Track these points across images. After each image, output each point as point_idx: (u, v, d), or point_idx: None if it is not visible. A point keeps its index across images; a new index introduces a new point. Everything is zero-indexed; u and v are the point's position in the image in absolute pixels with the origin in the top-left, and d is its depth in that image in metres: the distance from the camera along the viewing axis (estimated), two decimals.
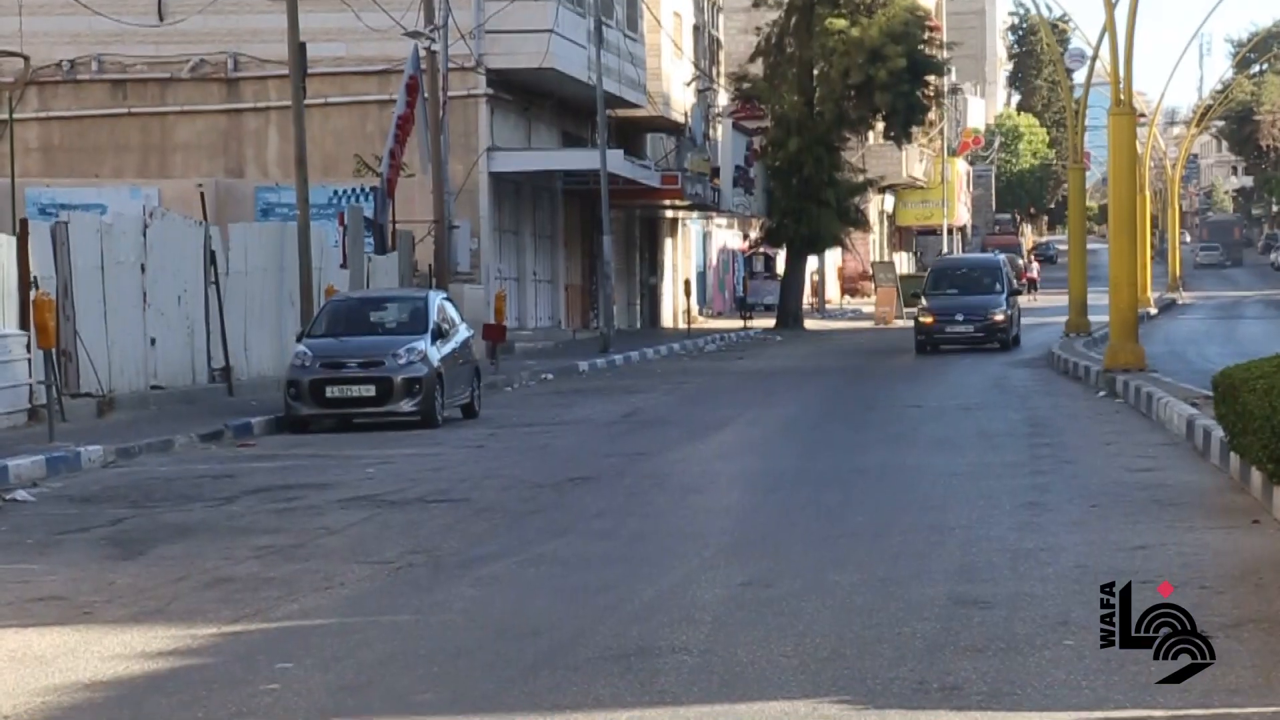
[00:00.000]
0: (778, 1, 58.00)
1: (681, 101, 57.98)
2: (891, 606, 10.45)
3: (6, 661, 9.81)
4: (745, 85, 59.22)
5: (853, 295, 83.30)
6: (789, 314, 58.71)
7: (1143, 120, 63.67)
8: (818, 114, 57.26)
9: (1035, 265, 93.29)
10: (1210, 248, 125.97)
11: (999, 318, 40.74)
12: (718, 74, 65.18)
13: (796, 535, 13.77)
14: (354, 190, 39.44)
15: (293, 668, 9.41)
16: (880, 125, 61.21)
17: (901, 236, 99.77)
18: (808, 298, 66.09)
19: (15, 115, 35.61)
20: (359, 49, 42.65)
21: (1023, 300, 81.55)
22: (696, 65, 60.75)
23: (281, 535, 14.30)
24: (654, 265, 62.02)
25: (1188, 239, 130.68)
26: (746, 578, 11.68)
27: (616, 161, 45.76)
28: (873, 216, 79.87)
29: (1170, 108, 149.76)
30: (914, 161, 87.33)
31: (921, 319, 40.96)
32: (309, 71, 31.48)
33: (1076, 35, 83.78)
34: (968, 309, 40.59)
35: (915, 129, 62.96)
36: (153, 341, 27.83)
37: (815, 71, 57.46)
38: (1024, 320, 60.84)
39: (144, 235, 27.77)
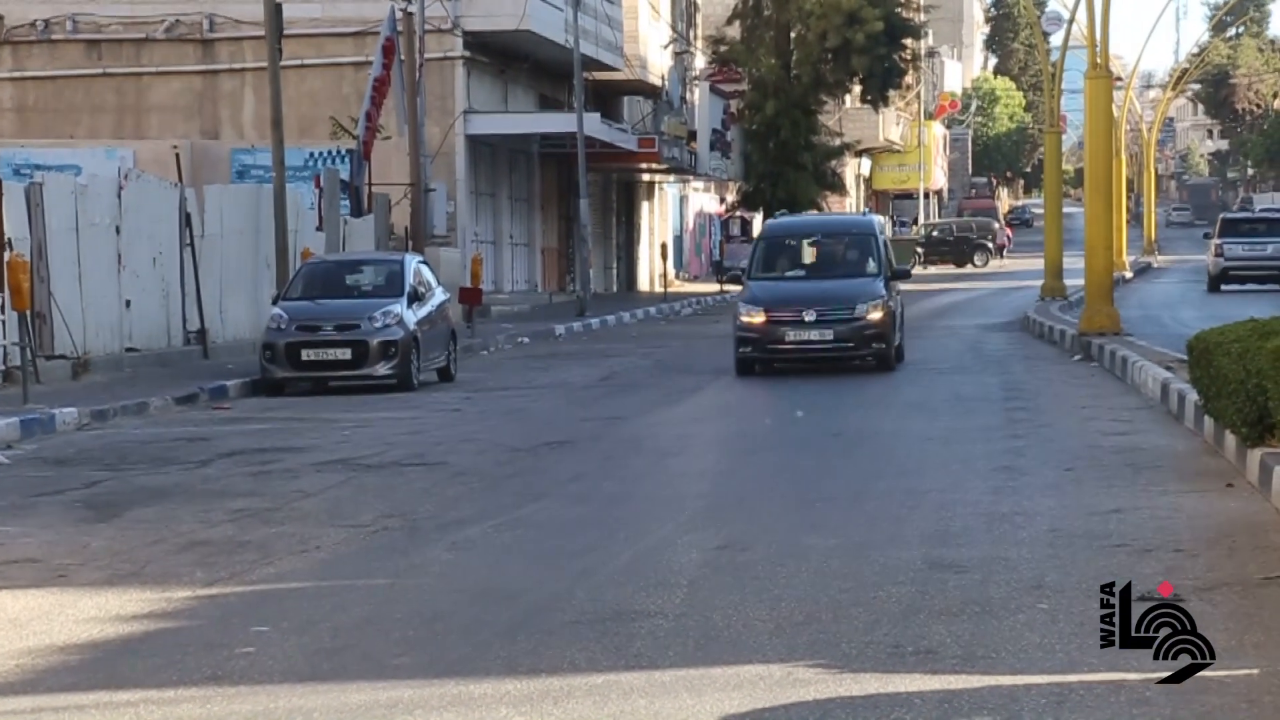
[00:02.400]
0: None
1: (659, 65, 57.88)
2: (867, 571, 10.47)
3: None
4: (722, 48, 59.14)
5: None
6: None
7: (1119, 84, 63.69)
8: (795, 77, 57.21)
9: (1008, 231, 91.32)
10: (1182, 209, 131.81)
11: (874, 316, 24.31)
12: (695, 37, 65.06)
13: (772, 499, 13.79)
14: (330, 153, 39.34)
15: (268, 631, 9.41)
16: (857, 89, 61.24)
17: (878, 200, 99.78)
18: None
19: None
20: (335, 10, 42.50)
21: (992, 264, 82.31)
22: (674, 28, 60.63)
23: (257, 498, 14.29)
24: (631, 229, 61.97)
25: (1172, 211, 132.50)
26: (722, 542, 11.70)
27: (593, 125, 45.68)
28: (849, 180, 79.86)
29: (1146, 71, 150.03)
30: (891, 125, 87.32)
31: (746, 318, 24.37)
32: (285, 33, 31.33)
33: None
34: (823, 301, 24.45)
35: (892, 92, 62.97)
36: (128, 304, 27.76)
37: (792, 35, 57.40)
38: (998, 284, 61.08)
39: (119, 197, 27.68)
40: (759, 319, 24.28)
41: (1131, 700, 7.52)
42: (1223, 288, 48.07)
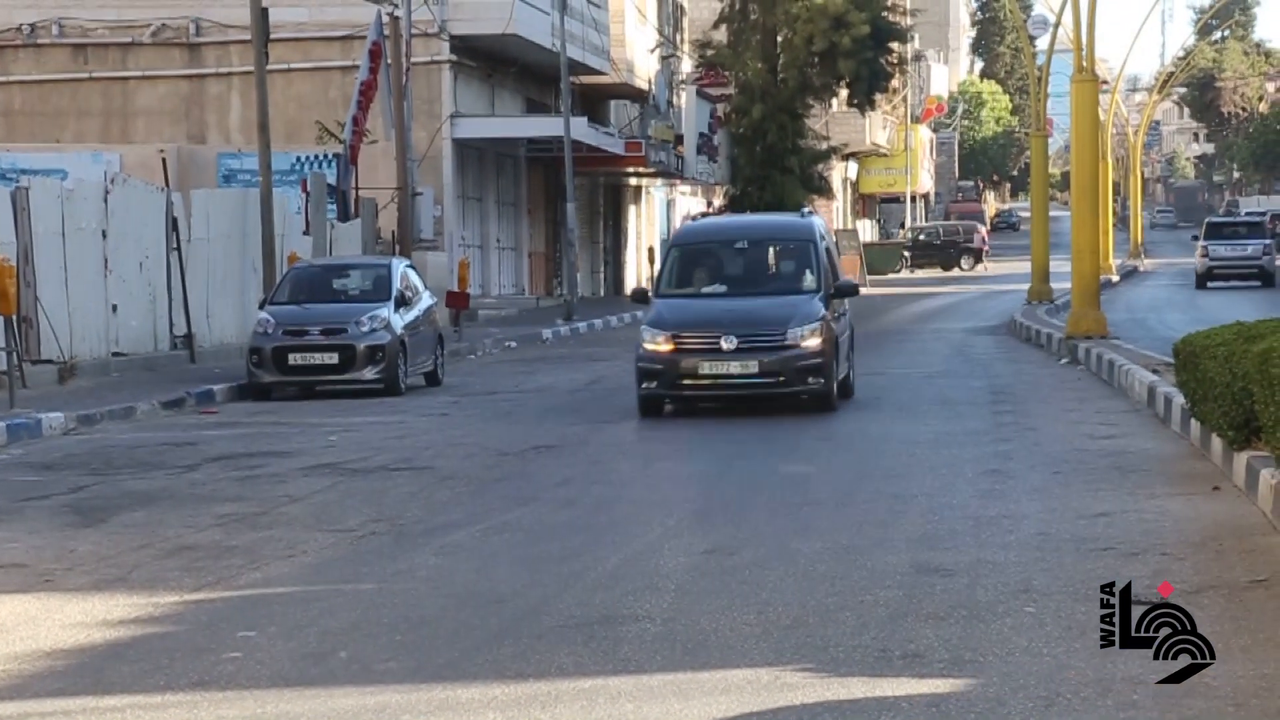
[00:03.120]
0: None
1: (645, 68, 57.89)
2: (854, 574, 10.48)
3: None
4: (709, 52, 59.14)
5: None
6: None
7: (1105, 87, 63.77)
8: (781, 81, 57.23)
9: (984, 235, 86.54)
10: (1166, 211, 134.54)
11: (810, 343, 19.66)
12: (681, 41, 65.08)
13: (759, 503, 13.79)
14: (317, 157, 39.30)
15: (255, 636, 9.39)
16: (844, 92, 61.21)
17: (865, 204, 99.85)
18: None
19: None
20: (322, 14, 42.47)
21: (979, 267, 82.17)
22: (660, 32, 60.64)
23: (244, 503, 14.27)
24: (618, 233, 61.98)
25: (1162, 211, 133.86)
26: (709, 546, 11.69)
27: (580, 128, 45.68)
28: (836, 184, 79.90)
29: (1132, 75, 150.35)
30: (877, 129, 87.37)
31: (649, 345, 19.78)
32: (271, 37, 31.31)
33: (1039, 2, 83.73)
34: (746, 325, 19.78)
35: (878, 96, 62.95)
36: (114, 308, 27.72)
37: (779, 38, 57.40)
38: (985, 287, 61.12)
39: (105, 201, 27.64)
40: (665, 347, 19.37)
41: (1119, 704, 7.53)
42: (1209, 284, 53.05)
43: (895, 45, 58.63)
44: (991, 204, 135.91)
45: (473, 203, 46.78)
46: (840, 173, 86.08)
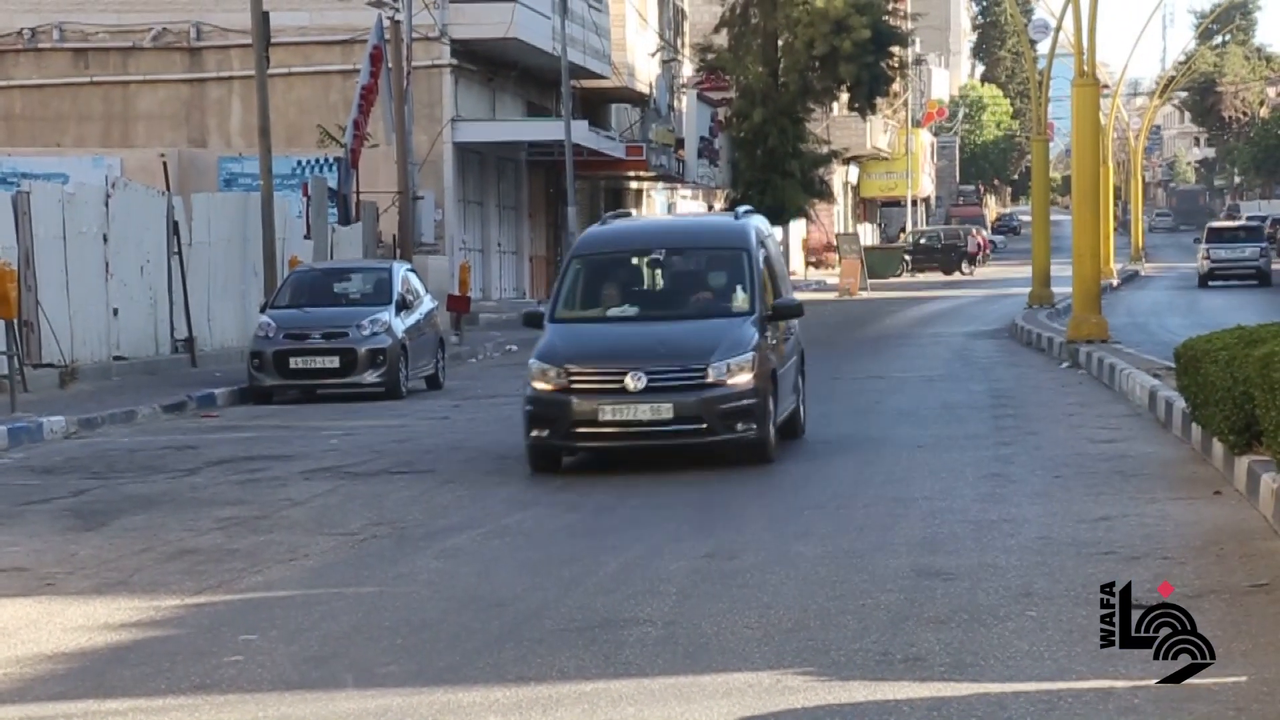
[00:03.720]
0: None
1: (646, 72, 57.90)
2: (855, 578, 10.48)
3: None
4: (710, 56, 59.14)
5: (817, 267, 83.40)
6: None
7: (1106, 91, 63.81)
8: (782, 85, 57.23)
9: (979, 239, 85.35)
10: (1164, 214, 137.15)
11: (738, 380, 15.75)
12: (682, 45, 65.10)
13: (761, 507, 13.79)
14: (318, 161, 39.31)
15: (257, 639, 9.40)
16: (845, 96, 61.19)
17: (866, 208, 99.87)
18: None
19: None
20: (322, 18, 42.47)
21: (979, 271, 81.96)
22: (661, 36, 60.66)
23: (245, 507, 14.27)
24: None
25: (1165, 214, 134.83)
26: (711, 550, 11.69)
27: (581, 132, 45.68)
28: (837, 188, 79.90)
29: (1133, 79, 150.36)
30: (878, 133, 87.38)
31: (539, 383, 15.82)
32: (272, 41, 31.32)
33: (1040, 6, 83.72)
34: (657, 357, 15.78)
35: (879, 100, 62.95)
36: (115, 312, 27.72)
37: (780, 42, 57.40)
38: (985, 291, 61.15)
39: (106, 205, 27.65)
40: (555, 385, 15.50)
41: (1120, 708, 7.52)
42: (1210, 284, 56.82)
43: (896, 49, 58.62)
44: (992, 208, 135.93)
45: (474, 206, 46.78)
46: (841, 177, 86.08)
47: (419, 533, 12.85)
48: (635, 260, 17.05)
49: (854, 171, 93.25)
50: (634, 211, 30.38)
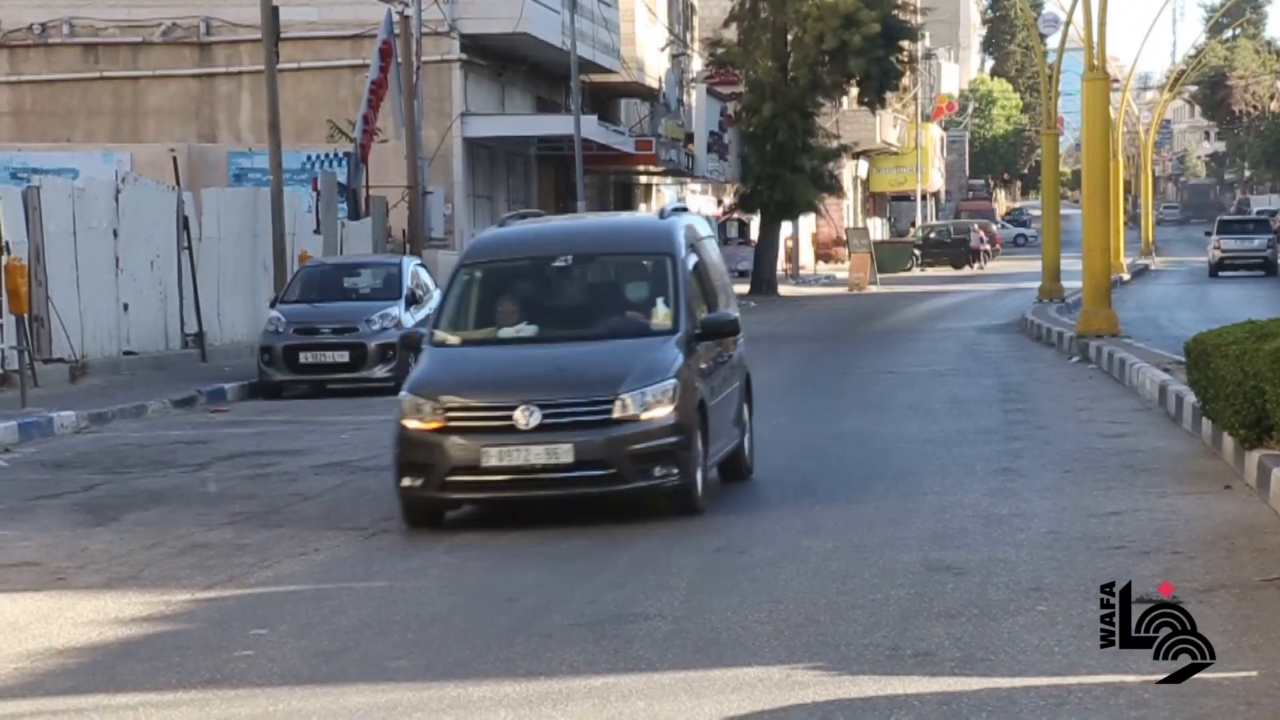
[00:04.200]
0: None
1: (656, 67, 57.87)
2: (865, 573, 10.47)
3: None
4: (719, 50, 59.11)
5: (827, 261, 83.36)
6: (763, 280, 58.70)
7: (1116, 85, 63.73)
8: (792, 79, 57.19)
9: (981, 235, 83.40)
10: (1171, 207, 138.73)
11: (655, 414, 12.78)
12: (692, 39, 65.06)
13: (771, 501, 13.78)
14: (327, 156, 39.30)
15: (267, 634, 9.41)
16: (854, 90, 61.15)
17: (875, 202, 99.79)
18: (781, 264, 66.10)
19: None
20: (332, 13, 42.46)
21: (990, 265, 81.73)
22: (671, 30, 60.63)
23: (255, 501, 14.28)
24: None
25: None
26: (720, 544, 11.69)
27: (590, 127, 45.66)
28: (847, 182, 79.83)
29: (1144, 73, 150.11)
30: (888, 127, 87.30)
31: (410, 421, 12.85)
32: (282, 36, 31.30)
33: (1050, 0, 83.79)
34: (554, 388, 12.86)
35: (889, 94, 62.92)
36: (125, 307, 27.74)
37: (789, 37, 57.36)
38: (995, 286, 61.15)
39: (116, 200, 27.67)
40: (431, 423, 12.71)
41: (1130, 702, 7.52)
42: (1220, 274, 59.96)
43: (906, 43, 58.56)
44: (1002, 202, 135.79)
45: (483, 201, 46.79)
46: (851, 171, 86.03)
47: (429, 527, 12.84)
48: (536, 269, 14.00)
49: (864, 166, 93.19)
50: (543, 211, 25.87)
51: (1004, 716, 7.41)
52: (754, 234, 64.86)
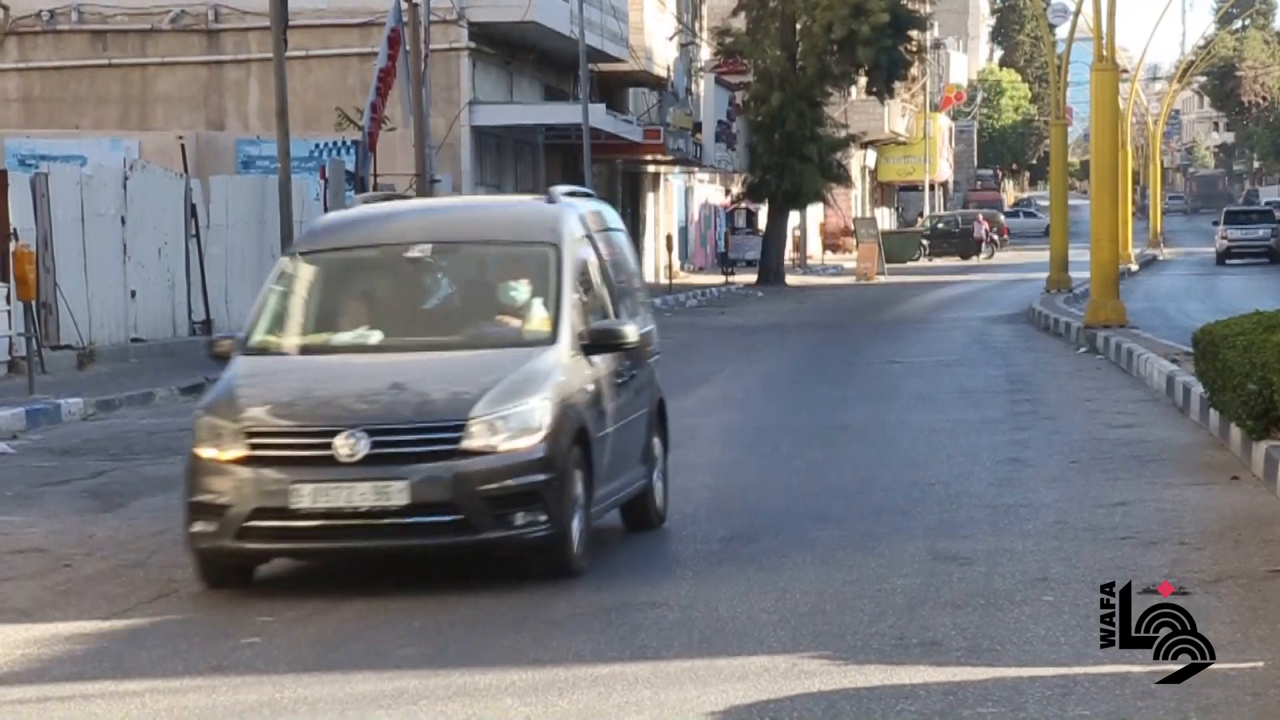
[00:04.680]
0: None
1: (664, 56, 57.83)
2: (872, 562, 10.47)
3: None
4: (728, 40, 59.08)
5: (834, 251, 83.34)
6: (770, 270, 58.70)
7: (1125, 76, 63.62)
8: (800, 69, 57.16)
9: (985, 225, 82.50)
10: (1176, 198, 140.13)
11: (516, 444, 10.04)
12: (700, 28, 65.02)
13: (778, 491, 13.78)
14: (335, 144, 39.30)
15: (273, 621, 9.41)
16: (863, 80, 61.12)
17: (883, 192, 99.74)
18: (789, 253, 66.09)
19: None
20: (340, 1, 42.44)
21: (998, 256, 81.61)
22: (679, 19, 60.59)
23: None
24: (636, 220, 61.95)
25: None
26: (727, 533, 11.69)
27: (599, 116, 45.65)
28: (855, 172, 79.77)
29: (1153, 63, 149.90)
30: (896, 117, 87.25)
31: (204, 450, 10.18)
32: (290, 23, 31.29)
33: None
34: (389, 413, 10.13)
35: (897, 84, 62.87)
36: (133, 294, 27.76)
37: (798, 26, 57.32)
38: (1003, 276, 61.17)
39: (124, 187, 27.68)
40: (230, 453, 10.13)
41: (1136, 693, 7.52)
42: (1227, 261, 63.04)
43: (914, 33, 58.52)
44: (1010, 193, 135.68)
45: (491, 190, 46.75)
46: (859, 161, 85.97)
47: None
48: (385, 261, 11.39)
49: (872, 156, 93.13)
50: (413, 192, 21.38)
51: (1010, 706, 7.41)
52: (762, 223, 64.86)
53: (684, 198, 69.85)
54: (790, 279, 60.51)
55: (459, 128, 43.03)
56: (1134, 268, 59.92)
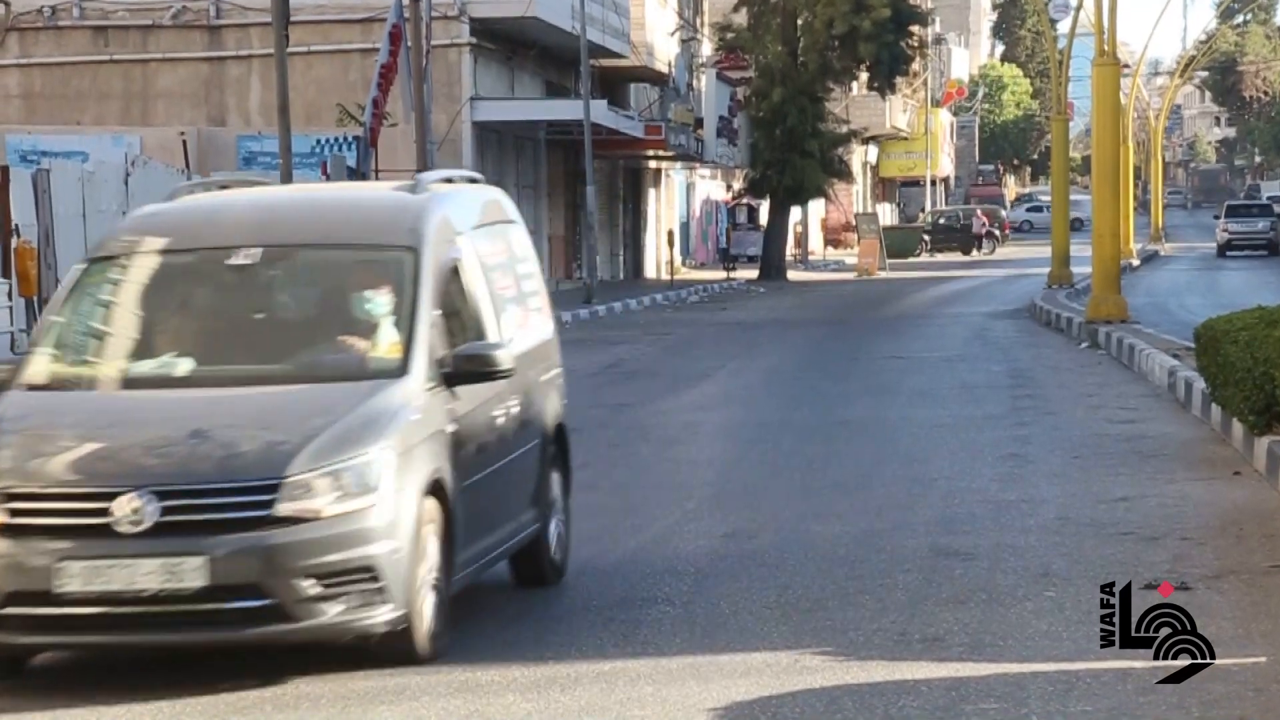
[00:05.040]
0: None
1: (665, 51, 57.81)
2: (874, 558, 10.47)
3: None
4: (729, 35, 59.07)
5: (835, 247, 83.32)
6: (772, 265, 58.70)
7: (1126, 71, 63.58)
8: (801, 64, 57.15)
9: (983, 220, 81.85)
10: (1176, 192, 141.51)
11: (350, 505, 8.00)
12: (702, 24, 65.01)
13: (779, 487, 13.78)
14: (337, 139, 39.30)
15: None
16: (864, 76, 61.12)
17: (885, 188, 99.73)
18: (791, 249, 66.08)
19: None
20: None
21: (999, 251, 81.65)
22: (680, 15, 60.58)
23: None
24: (637, 216, 61.97)
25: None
26: (729, 529, 11.70)
27: (600, 112, 45.63)
28: (856, 168, 79.76)
29: (1154, 58, 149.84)
30: (897, 112, 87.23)
31: None
32: (292, 19, 31.31)
33: None
34: (188, 460, 8.02)
35: (899, 79, 62.87)
36: None
37: (799, 21, 57.32)
38: (1004, 271, 61.22)
39: (126, 183, 27.71)
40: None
41: (1138, 688, 7.52)
42: (1228, 253, 65.86)
43: (916, 28, 58.51)
44: (1012, 188, 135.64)
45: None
46: (860, 156, 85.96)
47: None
48: (203, 269, 9.24)
49: (873, 151, 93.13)
50: (265, 181, 11.97)
51: (1012, 702, 7.41)
52: (763, 219, 64.84)
53: (685, 193, 69.83)
54: (792, 274, 60.52)
55: (460, 123, 43.03)
56: (1135, 263, 59.92)
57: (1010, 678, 7.77)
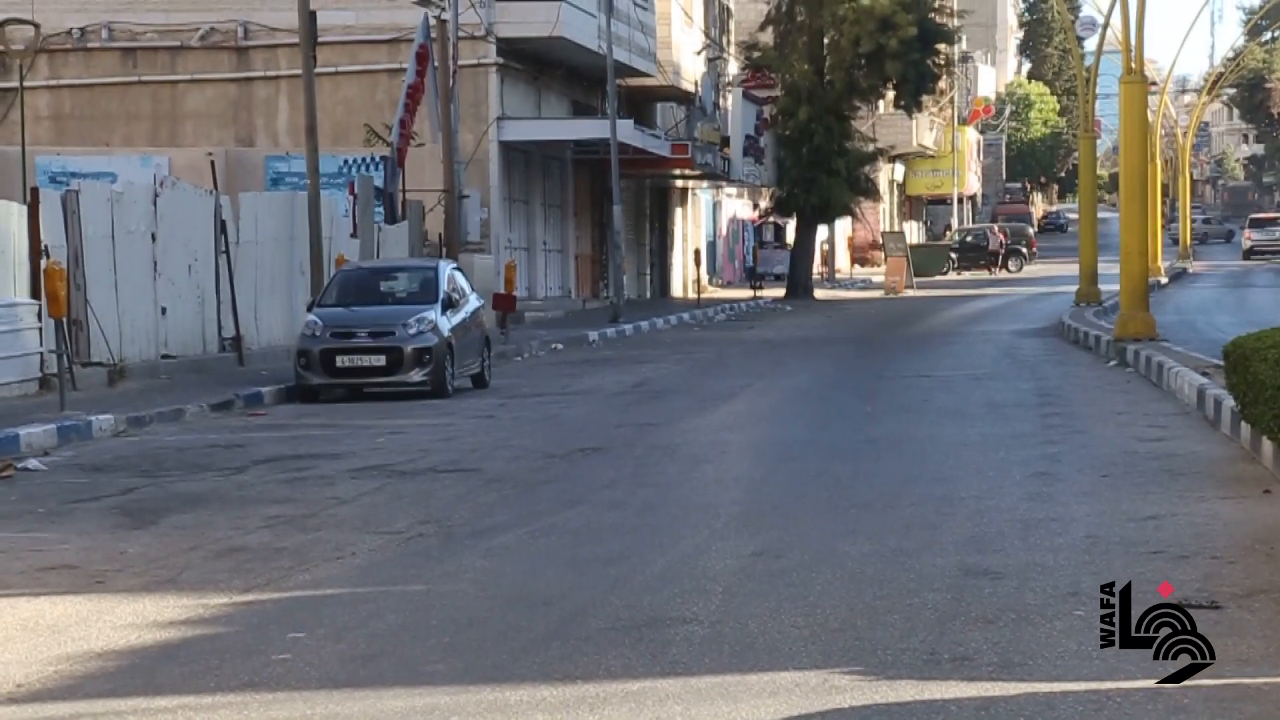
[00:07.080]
0: None
1: (692, 70, 57.88)
2: (902, 577, 10.45)
3: (19, 630, 9.84)
4: (755, 54, 59.15)
5: (863, 265, 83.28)
6: (799, 284, 58.71)
7: (1154, 88, 63.52)
8: (828, 83, 57.19)
9: (1000, 237, 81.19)
10: (1197, 208, 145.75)
11: None
12: (728, 43, 65.07)
13: (807, 506, 13.77)
14: (364, 159, 39.41)
15: (304, 638, 9.42)
16: (891, 94, 61.16)
17: (911, 206, 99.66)
18: (817, 267, 66.10)
19: (26, 83, 35.57)
20: (369, 17, 42.58)
21: (1027, 269, 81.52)
22: (707, 34, 60.64)
23: (292, 505, 14.31)
24: (664, 235, 61.99)
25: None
26: (757, 548, 11.68)
27: (627, 131, 45.70)
28: (883, 186, 79.72)
29: (1181, 75, 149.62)
30: (924, 130, 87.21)
31: None
32: (319, 40, 31.40)
33: (1088, 2, 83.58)
34: None
35: (925, 98, 62.93)
36: (163, 310, 27.84)
37: (826, 40, 57.36)
38: (1032, 289, 61.11)
39: (154, 204, 27.78)
40: None
41: (1170, 708, 7.49)
42: (1251, 257, 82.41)
43: (942, 47, 58.52)
44: (1039, 206, 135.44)
45: (519, 205, 46.83)
46: (887, 174, 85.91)
47: (465, 531, 12.87)
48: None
49: (900, 169, 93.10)
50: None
51: None
52: (790, 238, 64.83)
53: (712, 212, 69.88)
54: (818, 293, 60.50)
55: (487, 143, 43.11)
56: (1164, 280, 59.79)
57: (1040, 697, 7.75)
